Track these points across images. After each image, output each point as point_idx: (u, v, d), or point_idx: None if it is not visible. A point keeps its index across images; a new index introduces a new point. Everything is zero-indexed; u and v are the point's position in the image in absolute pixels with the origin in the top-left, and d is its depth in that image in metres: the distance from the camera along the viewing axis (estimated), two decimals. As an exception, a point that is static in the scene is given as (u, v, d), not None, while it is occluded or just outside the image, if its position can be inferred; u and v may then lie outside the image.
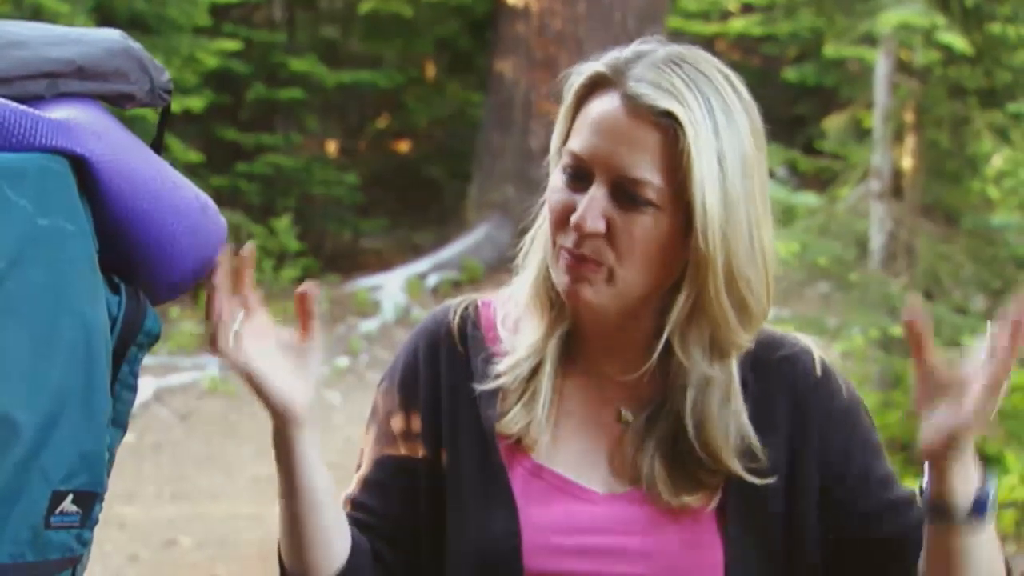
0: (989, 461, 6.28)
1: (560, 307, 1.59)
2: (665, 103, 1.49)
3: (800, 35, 12.58)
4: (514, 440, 1.59)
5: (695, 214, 1.49)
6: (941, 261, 7.78)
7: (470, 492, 1.58)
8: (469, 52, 15.63)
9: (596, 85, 1.55)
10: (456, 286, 12.20)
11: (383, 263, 12.73)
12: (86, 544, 1.34)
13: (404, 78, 15.07)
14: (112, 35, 1.42)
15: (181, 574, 5.92)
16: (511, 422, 1.58)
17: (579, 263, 1.52)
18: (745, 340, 1.56)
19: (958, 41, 7.84)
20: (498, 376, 1.60)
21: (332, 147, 15.45)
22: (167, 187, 1.40)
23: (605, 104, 1.53)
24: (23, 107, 1.29)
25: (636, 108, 1.50)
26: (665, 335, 1.54)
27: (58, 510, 1.29)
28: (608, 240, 1.51)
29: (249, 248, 1.48)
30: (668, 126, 1.49)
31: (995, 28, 8.38)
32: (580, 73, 1.57)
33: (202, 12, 10.54)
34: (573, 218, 1.51)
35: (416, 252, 13.09)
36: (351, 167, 14.22)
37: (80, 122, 1.32)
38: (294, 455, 1.51)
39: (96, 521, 1.34)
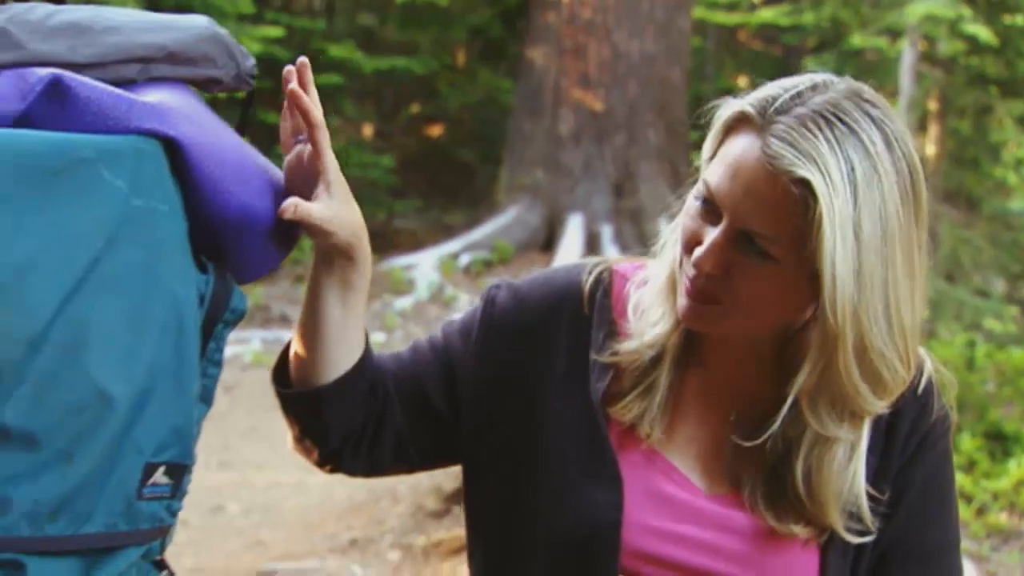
0: (1007, 440, 6.27)
1: None
2: (802, 171, 1.36)
3: (821, 26, 12.53)
4: (627, 427, 1.53)
5: (823, 285, 1.36)
6: (962, 245, 7.73)
7: (570, 459, 1.53)
8: (501, 40, 15.63)
9: (741, 122, 1.43)
10: (487, 266, 12.21)
11: (416, 243, 12.75)
12: (175, 514, 1.33)
13: (438, 65, 15.09)
14: (200, 21, 1.41)
15: (228, 539, 5.94)
16: (625, 409, 1.53)
17: (696, 296, 1.45)
18: (880, 408, 1.46)
19: (982, 31, 7.79)
20: (616, 353, 1.54)
21: (368, 131, 15.48)
22: (252, 169, 1.38)
23: (745, 148, 1.41)
24: (118, 90, 1.28)
25: (772, 168, 1.37)
26: (791, 399, 1.45)
27: (150, 482, 1.27)
28: (724, 281, 1.42)
29: (303, 59, 1.44)
30: (802, 192, 1.36)
31: (1018, 19, 8.33)
32: (729, 107, 1.46)
33: (246, 0, 10.57)
34: (695, 254, 1.44)
35: (448, 233, 13.10)
36: (386, 150, 14.26)
37: (172, 105, 1.31)
38: (347, 287, 1.50)
39: (185, 492, 1.33)
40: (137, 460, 1.26)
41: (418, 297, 11.42)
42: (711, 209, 1.44)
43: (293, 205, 1.39)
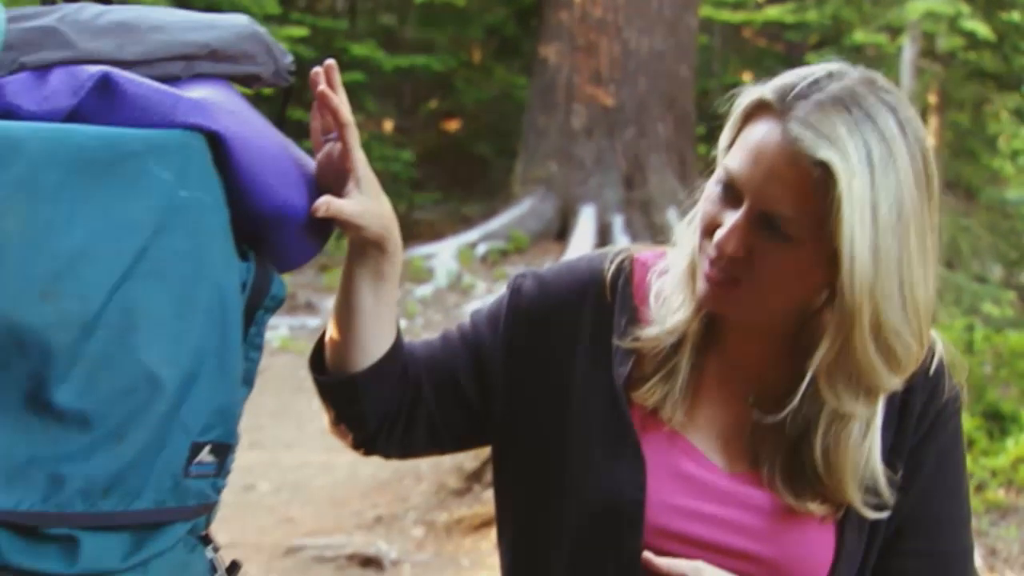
0: (1004, 420, 6.25)
1: None
2: (822, 153, 1.35)
3: (823, 23, 12.48)
4: (650, 410, 1.53)
5: (842, 263, 1.36)
6: (961, 233, 7.71)
7: (595, 440, 1.53)
8: (515, 38, 15.60)
9: (761, 109, 1.43)
10: (503, 255, 12.20)
11: (435, 233, 12.74)
12: (220, 492, 1.33)
13: (455, 62, 15.08)
14: (241, 20, 1.41)
15: (259, 515, 5.96)
16: (648, 393, 1.52)
17: (717, 278, 1.44)
18: (895, 384, 1.45)
19: (980, 27, 7.75)
20: (637, 339, 1.53)
21: (389, 126, 15.47)
22: (290, 163, 1.38)
23: (765, 134, 1.40)
24: (164, 87, 1.28)
25: (793, 150, 1.37)
26: (809, 375, 1.44)
27: (196, 460, 1.28)
28: (746, 263, 1.41)
29: (331, 61, 1.43)
30: (822, 173, 1.35)
31: (1014, 15, 8.30)
32: (749, 94, 1.45)
33: (272, 1, 10.57)
34: (716, 236, 1.43)
35: (466, 223, 13.09)
36: (406, 144, 14.24)
37: (215, 101, 1.31)
38: (379, 279, 1.50)
39: (229, 471, 1.34)
40: (184, 440, 1.26)
41: (437, 285, 11.42)
42: (731, 194, 1.43)
43: (325, 203, 1.39)
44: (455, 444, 1.67)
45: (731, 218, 1.42)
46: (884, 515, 1.51)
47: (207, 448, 1.28)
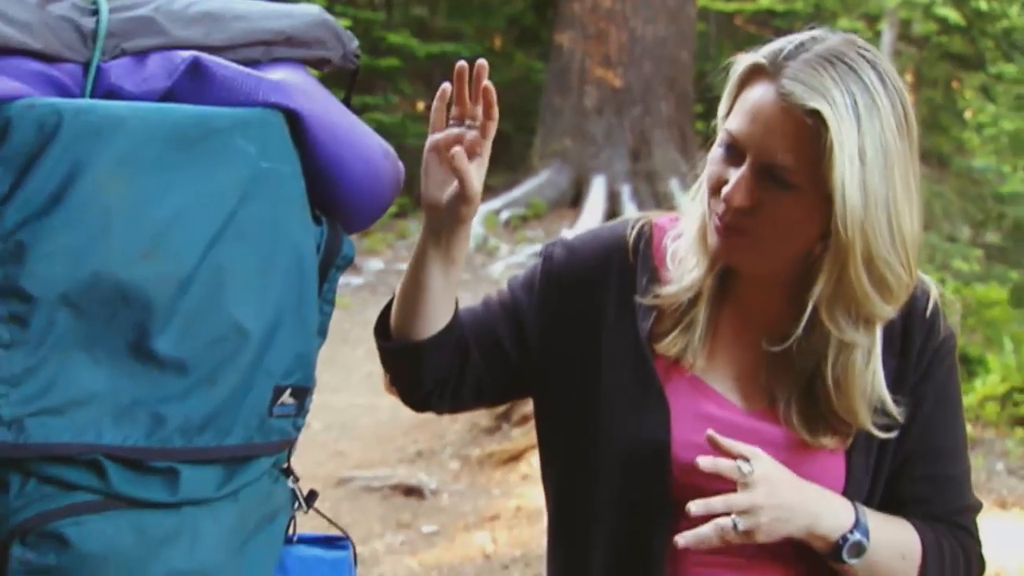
0: (972, 363, 6.23)
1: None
2: (813, 102, 1.36)
3: (808, 11, 12.37)
4: (673, 359, 1.52)
5: (835, 203, 1.36)
6: (935, 198, 7.66)
7: (623, 389, 1.52)
8: (534, 27, 15.50)
9: (755, 73, 1.42)
10: (524, 220, 12.18)
11: (464, 201, 12.70)
12: (299, 429, 1.33)
13: (480, 49, 14.97)
14: (313, 9, 1.39)
15: (313, 451, 5.99)
16: (670, 344, 1.51)
17: (727, 230, 1.43)
18: (889, 312, 1.45)
19: (952, 14, 7.67)
20: (657, 296, 1.53)
21: (421, 106, 15.40)
22: (358, 137, 1.37)
23: (761, 94, 1.40)
24: (247, 69, 1.27)
25: (787, 104, 1.37)
26: (811, 305, 1.44)
27: (279, 402, 1.27)
28: (752, 213, 1.41)
29: (483, 61, 1.44)
30: (815, 122, 1.36)
31: (981, 3, 8.21)
32: (743, 61, 1.45)
33: (318, -5, 10.51)
34: (724, 191, 1.42)
35: (491, 192, 13.04)
36: (436, 123, 14.16)
37: (291, 82, 1.29)
38: (448, 261, 1.48)
39: (307, 411, 1.34)
40: (268, 383, 1.26)
41: (466, 247, 11.41)
42: (734, 153, 1.43)
43: (459, 153, 1.40)
44: (499, 397, 1.67)
45: (736, 173, 1.42)
46: (893, 435, 1.50)
47: (288, 391, 1.28)
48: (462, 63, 1.41)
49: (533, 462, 5.56)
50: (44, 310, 1.12)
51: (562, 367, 1.57)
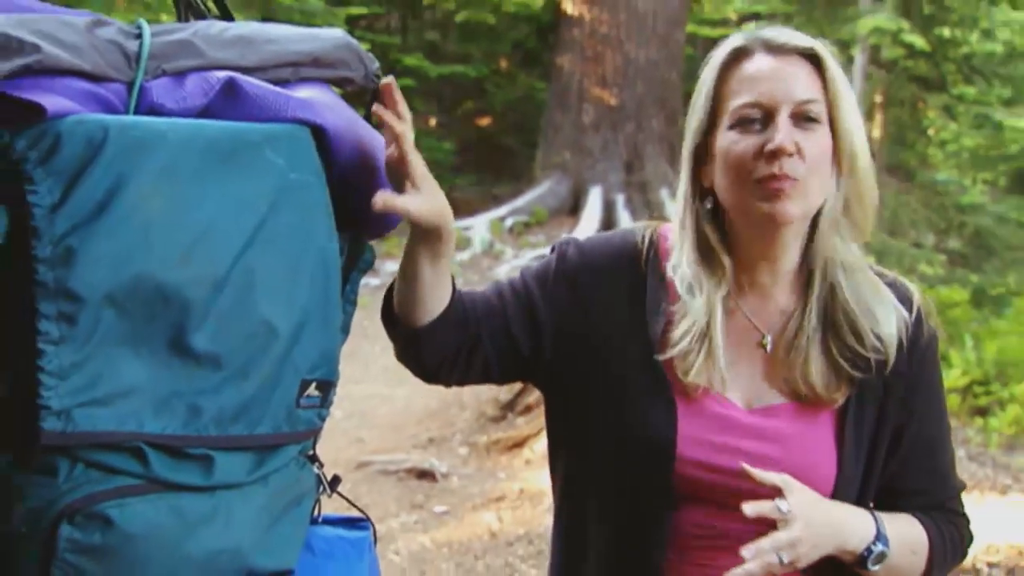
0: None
1: (721, 259, 1.50)
2: (805, 43, 1.44)
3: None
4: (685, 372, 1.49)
5: (839, 132, 1.44)
6: (902, 208, 7.64)
7: (631, 385, 1.50)
8: (536, 50, 15.51)
9: (737, 58, 1.45)
10: (527, 227, 12.18)
11: (472, 209, 12.72)
12: (323, 420, 1.32)
13: (487, 70, 15.02)
14: (337, 33, 1.38)
15: (336, 437, 5.99)
16: (678, 360, 1.48)
17: (781, 182, 1.41)
18: (868, 226, 1.51)
19: (918, 40, 7.65)
20: (670, 320, 1.51)
21: (433, 122, 15.41)
22: (379, 151, 1.36)
23: (757, 63, 1.44)
24: (277, 88, 1.26)
25: (785, 51, 1.44)
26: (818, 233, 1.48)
27: (305, 394, 1.26)
28: (798, 158, 1.41)
29: (388, 79, 1.35)
30: (812, 58, 1.43)
31: (944, 31, 8.19)
32: (719, 53, 1.47)
33: (340, 21, 10.49)
34: (771, 145, 1.40)
35: (497, 201, 13.07)
36: (446, 137, 14.20)
37: (318, 100, 1.29)
38: (435, 256, 1.44)
39: (332, 403, 1.33)
40: (295, 377, 1.25)
41: (474, 251, 11.42)
42: (755, 120, 1.43)
43: (381, 199, 1.31)
44: (504, 377, 1.64)
45: (772, 129, 1.42)
46: (888, 372, 1.50)
47: (314, 384, 1.27)
48: (385, 80, 1.34)
49: (536, 448, 5.55)
50: (91, 309, 1.11)
51: (571, 361, 1.55)
